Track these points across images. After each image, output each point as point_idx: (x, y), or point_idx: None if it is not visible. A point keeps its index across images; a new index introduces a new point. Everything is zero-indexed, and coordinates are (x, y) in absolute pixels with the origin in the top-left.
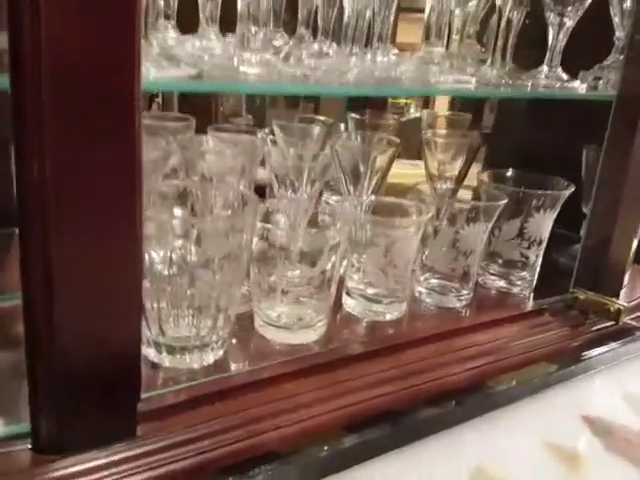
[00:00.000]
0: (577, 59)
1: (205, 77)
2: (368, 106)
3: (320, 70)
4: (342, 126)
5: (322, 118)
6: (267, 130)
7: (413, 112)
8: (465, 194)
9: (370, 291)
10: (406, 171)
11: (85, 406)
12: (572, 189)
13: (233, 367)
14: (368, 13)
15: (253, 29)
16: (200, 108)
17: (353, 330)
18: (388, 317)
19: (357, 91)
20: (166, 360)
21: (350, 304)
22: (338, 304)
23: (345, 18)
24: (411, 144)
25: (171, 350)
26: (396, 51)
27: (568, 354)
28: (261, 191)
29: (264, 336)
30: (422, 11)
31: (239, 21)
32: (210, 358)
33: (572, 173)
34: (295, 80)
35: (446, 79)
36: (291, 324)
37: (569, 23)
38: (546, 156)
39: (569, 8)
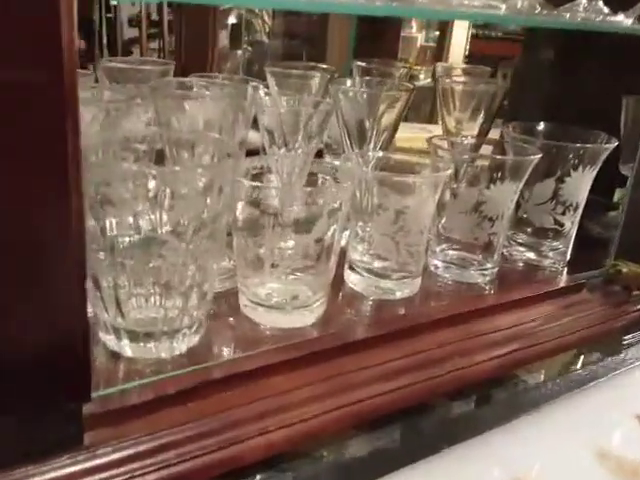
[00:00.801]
0: None
1: None
2: (376, 56)
3: None
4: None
5: (323, 66)
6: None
7: (423, 79)
8: (488, 151)
9: (377, 264)
10: (417, 134)
11: (12, 408)
12: (615, 143)
13: (211, 357)
14: None
15: None
16: (196, 64)
17: (357, 311)
18: (399, 295)
19: (364, 8)
20: (128, 349)
21: (353, 280)
22: (339, 280)
23: None
24: (421, 112)
25: (134, 337)
26: None
27: (610, 337)
28: (254, 154)
29: (251, 318)
30: None
31: None
32: (182, 346)
33: (608, 128)
34: None
35: (472, 2)
36: (283, 304)
37: None
38: (578, 108)
39: None
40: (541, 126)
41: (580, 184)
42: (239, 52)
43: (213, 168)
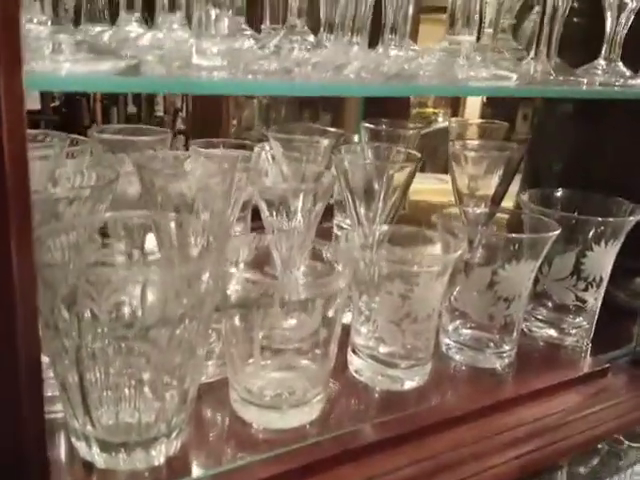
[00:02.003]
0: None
1: (142, 71)
2: (387, 115)
3: (310, 63)
4: (355, 138)
5: (330, 129)
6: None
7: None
8: (502, 219)
9: (383, 350)
10: (431, 186)
11: None
12: None
13: (195, 468)
14: None
15: (213, 12)
16: (211, 122)
17: (361, 407)
18: (407, 385)
19: (357, 90)
20: (99, 458)
21: (357, 365)
22: (341, 366)
23: (341, 2)
24: (438, 157)
25: (105, 447)
26: (416, 47)
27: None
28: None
29: (242, 418)
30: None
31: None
32: (161, 456)
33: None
34: (271, 75)
35: (478, 74)
36: (278, 402)
37: (632, 4)
38: (600, 171)
39: None
40: (559, 193)
41: (603, 258)
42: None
43: (199, 260)
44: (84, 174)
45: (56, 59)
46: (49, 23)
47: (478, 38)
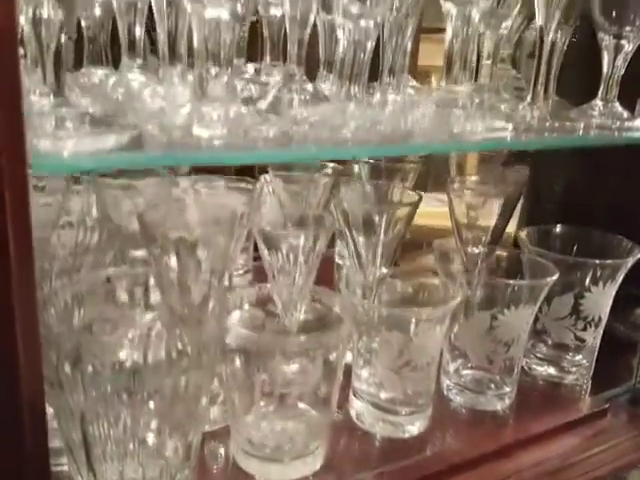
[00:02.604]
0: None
1: (145, 143)
2: None
3: (307, 123)
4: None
5: (330, 165)
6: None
7: None
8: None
9: (383, 396)
10: (432, 209)
11: None
12: (638, 254)
13: None
14: (369, 45)
15: (213, 70)
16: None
17: (362, 454)
18: (408, 431)
19: (354, 152)
20: None
21: (358, 410)
22: (343, 409)
23: (339, 52)
24: (438, 175)
25: None
26: (413, 83)
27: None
28: None
29: (244, 470)
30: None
31: (196, 59)
32: None
33: (632, 228)
34: (270, 143)
35: (474, 127)
36: (280, 454)
37: (628, 47)
38: (599, 204)
39: (627, 28)
40: (558, 229)
41: (602, 299)
42: None
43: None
44: (87, 225)
45: (59, 137)
46: (51, 97)
47: (477, 71)
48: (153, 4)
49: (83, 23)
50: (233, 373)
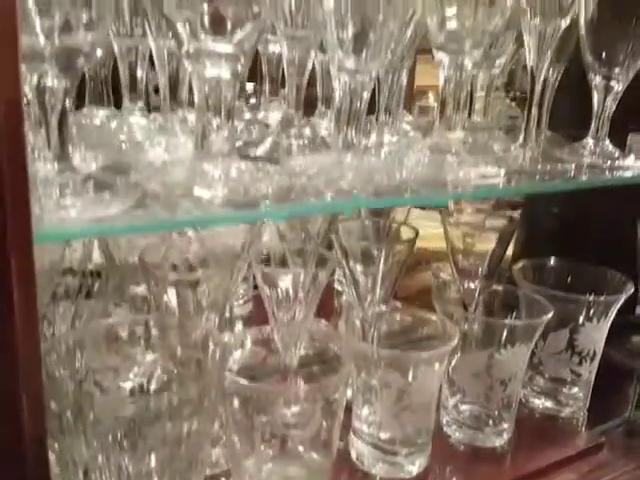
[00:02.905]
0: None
1: (142, 210)
2: None
3: (306, 175)
4: None
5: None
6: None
7: None
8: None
9: (382, 436)
10: (430, 230)
11: None
12: (631, 289)
13: None
14: (366, 94)
15: (215, 120)
16: None
17: None
18: (407, 472)
19: (352, 205)
20: None
21: (358, 449)
22: (342, 451)
23: (336, 101)
24: None
25: None
26: (409, 118)
27: None
28: None
29: None
30: None
31: (197, 112)
32: None
33: (623, 255)
34: (270, 200)
35: (467, 175)
36: None
37: (618, 87)
38: (591, 231)
39: (617, 70)
40: (552, 262)
41: (596, 333)
42: None
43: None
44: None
45: (64, 206)
46: (55, 164)
47: (471, 102)
48: (153, 50)
49: None
50: (233, 416)
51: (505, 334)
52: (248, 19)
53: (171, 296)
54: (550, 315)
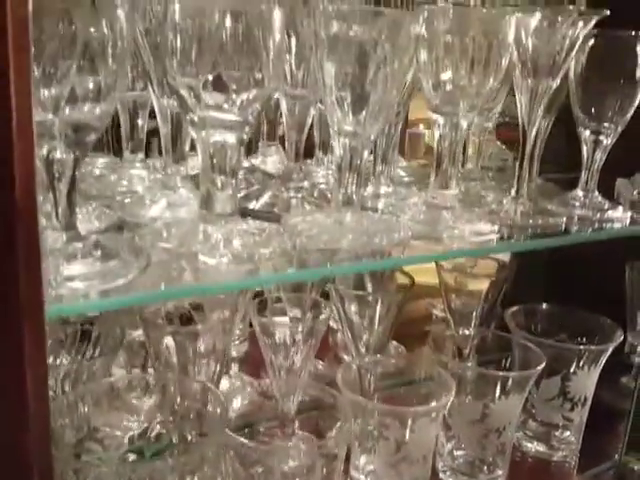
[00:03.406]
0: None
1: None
2: None
3: (306, 236)
4: None
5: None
6: None
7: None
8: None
9: None
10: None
11: None
12: (621, 337)
13: None
14: (366, 153)
15: (219, 180)
16: None
17: None
18: None
19: (349, 269)
20: None
21: None
22: None
23: (337, 158)
24: None
25: None
26: (403, 163)
27: None
28: None
29: None
30: None
31: (202, 173)
32: None
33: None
34: (268, 267)
35: (462, 232)
36: None
37: (607, 142)
38: (580, 275)
39: (605, 124)
40: (543, 307)
41: (587, 380)
42: None
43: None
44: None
45: (73, 279)
46: (64, 235)
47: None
48: (155, 107)
49: None
50: (233, 469)
51: (499, 385)
52: (252, 86)
53: (169, 344)
54: (543, 365)
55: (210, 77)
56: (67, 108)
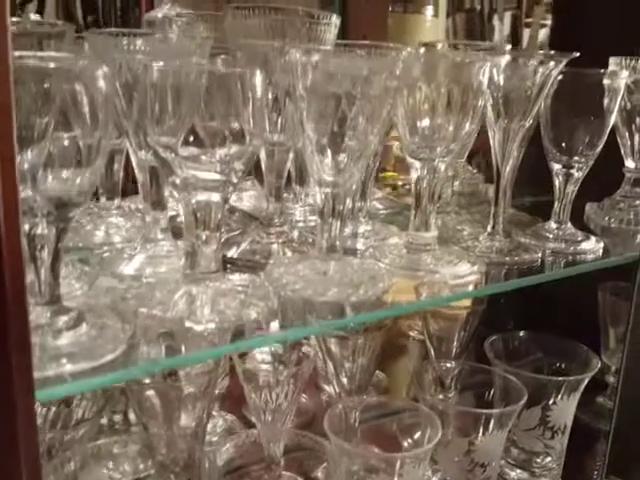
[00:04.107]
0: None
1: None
2: None
3: (289, 289)
4: None
5: None
6: None
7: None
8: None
9: None
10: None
11: None
12: (598, 365)
13: None
14: (349, 200)
15: (204, 235)
16: None
17: None
18: None
19: (338, 324)
20: None
21: None
22: None
23: (318, 205)
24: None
25: None
26: (379, 194)
27: None
28: None
29: None
30: None
31: (185, 230)
32: None
33: (587, 325)
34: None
35: (443, 276)
36: None
37: (577, 174)
38: (555, 302)
39: (576, 158)
40: (520, 334)
41: (567, 409)
42: None
43: None
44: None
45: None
46: (48, 312)
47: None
48: (131, 155)
49: None
50: None
51: (483, 421)
52: (230, 141)
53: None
54: (524, 400)
55: (189, 135)
56: (47, 176)
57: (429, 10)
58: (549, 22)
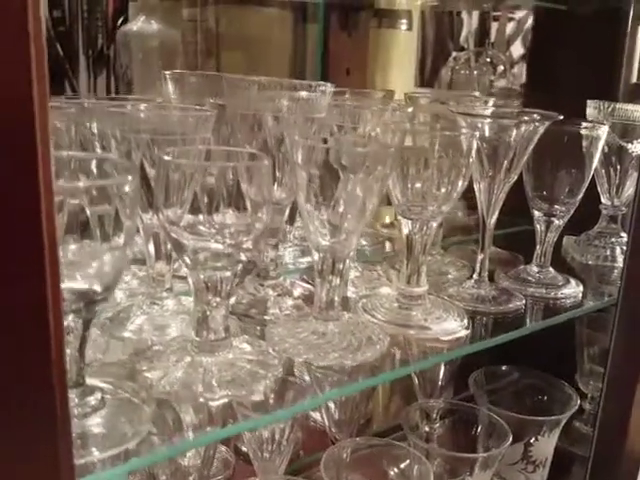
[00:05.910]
0: None
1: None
2: None
3: (291, 353)
4: None
5: None
6: None
7: None
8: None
9: None
10: None
11: None
12: (577, 403)
13: None
14: (347, 262)
15: (214, 302)
16: None
17: None
18: None
19: (342, 392)
20: None
21: None
22: None
23: (316, 265)
24: None
25: None
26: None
27: None
28: None
29: None
30: None
31: (194, 299)
32: None
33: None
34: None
35: (434, 333)
36: None
37: (558, 222)
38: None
39: (557, 206)
40: (503, 369)
41: (547, 445)
42: None
43: None
44: None
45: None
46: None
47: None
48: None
49: None
50: None
51: (470, 464)
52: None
53: None
54: (509, 442)
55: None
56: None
57: (403, 25)
58: (517, 16)
